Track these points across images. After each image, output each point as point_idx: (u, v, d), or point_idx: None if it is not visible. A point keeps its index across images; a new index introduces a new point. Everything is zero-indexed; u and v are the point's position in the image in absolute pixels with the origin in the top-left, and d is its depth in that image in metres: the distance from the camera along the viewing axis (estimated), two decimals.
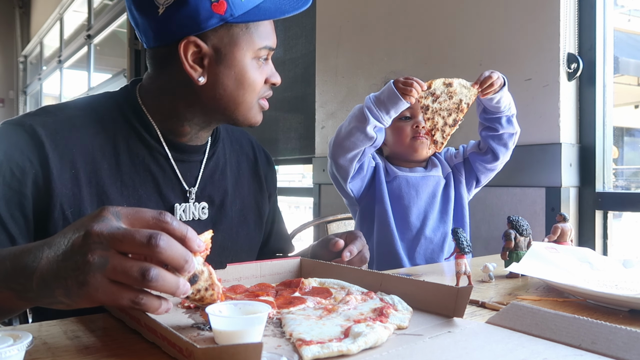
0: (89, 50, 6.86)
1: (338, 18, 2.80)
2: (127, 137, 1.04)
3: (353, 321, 0.72)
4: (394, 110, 1.45)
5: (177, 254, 0.61)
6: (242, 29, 0.99)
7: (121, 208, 0.62)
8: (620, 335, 0.64)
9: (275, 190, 1.37)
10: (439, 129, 1.45)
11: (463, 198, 1.67)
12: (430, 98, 1.44)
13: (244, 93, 1.03)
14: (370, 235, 1.63)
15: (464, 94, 1.43)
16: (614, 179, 1.95)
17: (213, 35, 0.98)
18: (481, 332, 0.72)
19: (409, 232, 1.60)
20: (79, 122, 1.00)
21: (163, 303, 0.63)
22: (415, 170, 1.65)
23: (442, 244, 1.61)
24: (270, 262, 1.05)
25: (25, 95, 10.04)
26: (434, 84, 1.43)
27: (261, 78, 1.04)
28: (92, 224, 0.59)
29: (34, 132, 0.94)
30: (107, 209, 0.61)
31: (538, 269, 1.03)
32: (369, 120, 1.44)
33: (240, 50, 0.99)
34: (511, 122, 1.55)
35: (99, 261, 0.58)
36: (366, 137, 1.46)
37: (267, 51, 1.04)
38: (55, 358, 0.62)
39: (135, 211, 0.63)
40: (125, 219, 0.62)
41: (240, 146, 1.28)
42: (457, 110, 1.44)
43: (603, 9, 1.89)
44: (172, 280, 0.62)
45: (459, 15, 2.20)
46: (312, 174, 3.00)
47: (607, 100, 1.90)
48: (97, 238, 0.59)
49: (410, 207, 1.60)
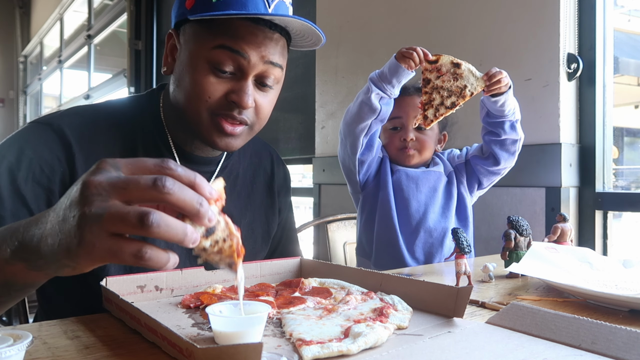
0: (89, 50, 6.85)
1: (338, 18, 2.80)
2: (145, 145, 1.04)
3: (353, 321, 0.72)
4: (396, 78, 1.45)
5: (189, 196, 0.53)
6: (204, 28, 0.95)
7: (119, 159, 0.56)
8: (620, 335, 0.64)
9: (288, 208, 1.34)
10: (434, 106, 1.39)
11: (465, 198, 1.67)
12: (435, 73, 1.39)
13: (192, 99, 0.97)
14: (371, 224, 1.64)
15: (470, 81, 1.38)
16: (614, 179, 1.95)
17: (184, 30, 0.99)
18: (481, 332, 0.72)
19: (408, 223, 1.61)
20: (104, 125, 1.02)
21: (171, 256, 0.54)
22: (415, 167, 1.67)
23: (442, 239, 1.61)
24: (270, 262, 1.05)
25: (26, 95, 10.03)
26: (441, 59, 1.39)
27: (212, 86, 0.95)
28: (89, 177, 0.53)
29: (62, 132, 0.96)
30: (105, 161, 0.55)
31: (538, 269, 1.03)
32: (372, 89, 1.46)
33: (195, 48, 0.96)
34: (515, 128, 1.54)
35: (95, 212, 0.51)
36: (371, 109, 1.48)
37: (227, 58, 0.94)
38: (55, 358, 0.62)
39: (135, 160, 0.56)
40: (125, 169, 0.55)
41: (260, 159, 1.26)
42: (458, 95, 1.37)
43: (603, 9, 1.89)
44: (178, 225, 0.52)
45: (458, 15, 2.20)
46: (312, 174, 3.00)
47: (607, 100, 1.90)
48: (94, 189, 0.52)
49: (410, 200, 1.61)
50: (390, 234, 1.60)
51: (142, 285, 0.88)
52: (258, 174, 1.25)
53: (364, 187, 1.67)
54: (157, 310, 0.83)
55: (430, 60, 1.40)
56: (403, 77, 1.46)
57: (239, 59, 0.94)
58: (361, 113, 1.49)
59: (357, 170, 1.61)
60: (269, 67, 0.98)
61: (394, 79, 1.45)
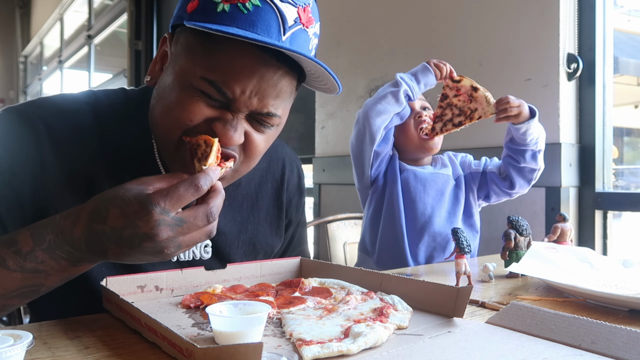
0: (90, 50, 6.86)
1: (338, 18, 2.80)
2: (129, 150, 0.92)
3: (353, 321, 0.72)
4: (423, 82, 1.54)
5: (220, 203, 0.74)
6: (198, 41, 0.78)
7: (162, 202, 0.68)
8: (620, 335, 0.64)
9: (300, 219, 1.21)
10: (443, 120, 1.49)
11: (472, 206, 1.68)
12: (454, 91, 1.48)
13: (162, 113, 0.83)
14: (376, 221, 1.65)
15: (482, 105, 1.45)
16: (613, 179, 1.95)
17: (178, 37, 0.83)
18: (481, 332, 0.72)
19: (414, 225, 1.61)
20: (84, 122, 0.90)
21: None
22: (423, 168, 1.67)
23: (445, 244, 1.61)
24: (270, 262, 1.05)
25: (26, 95, 10.03)
26: (463, 81, 1.48)
27: (194, 109, 0.79)
28: (155, 232, 0.68)
29: (36, 126, 0.85)
30: (154, 212, 0.67)
31: (538, 269, 1.03)
32: (401, 84, 1.53)
33: (185, 64, 0.80)
34: (536, 158, 1.55)
35: (174, 249, 0.70)
36: (397, 101, 1.53)
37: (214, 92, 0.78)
38: (55, 358, 0.62)
39: (176, 200, 0.69)
40: (173, 210, 0.69)
41: (268, 164, 1.12)
42: (467, 116, 1.46)
43: (603, 9, 1.89)
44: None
45: (458, 15, 2.20)
46: (312, 174, 3.00)
47: (607, 100, 1.90)
48: (166, 242, 0.69)
49: (417, 202, 1.61)
50: (396, 233, 1.60)
51: (142, 285, 0.88)
52: (265, 182, 1.11)
53: (373, 182, 1.67)
54: (157, 310, 0.83)
55: (454, 78, 1.50)
56: (429, 83, 1.55)
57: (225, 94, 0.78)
58: (387, 105, 1.54)
59: (371, 162, 1.62)
60: (260, 108, 0.81)
61: (422, 81, 1.54)
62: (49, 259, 0.71)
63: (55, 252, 0.71)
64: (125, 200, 0.68)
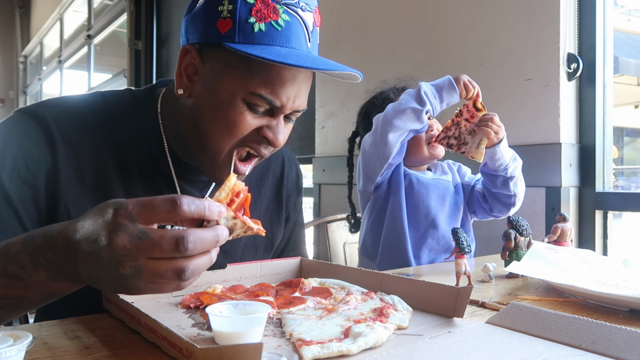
0: (89, 50, 6.86)
1: (338, 18, 2.80)
2: (138, 147, 0.97)
3: (353, 321, 0.72)
4: (447, 100, 1.49)
5: (207, 243, 0.62)
6: (243, 61, 0.84)
7: (131, 206, 0.60)
8: (620, 335, 0.64)
9: (297, 218, 1.26)
10: (447, 134, 1.49)
11: (468, 215, 1.69)
12: (469, 115, 1.47)
13: (216, 130, 0.89)
14: (378, 226, 1.64)
15: (474, 145, 1.45)
16: (613, 179, 1.95)
17: (213, 53, 0.87)
18: (481, 332, 0.72)
19: (417, 228, 1.61)
20: (93, 122, 0.95)
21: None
22: (424, 173, 1.68)
23: (447, 248, 1.61)
24: (270, 262, 1.05)
25: (26, 95, 10.03)
26: (482, 112, 1.46)
27: (245, 124, 0.88)
28: (112, 236, 0.59)
29: (48, 125, 0.90)
30: (119, 214, 0.60)
31: (538, 269, 1.03)
32: (425, 103, 1.47)
33: (230, 82, 0.86)
34: (507, 184, 1.52)
35: (132, 272, 0.60)
36: (417, 120, 1.49)
37: (264, 103, 0.87)
38: (55, 358, 0.62)
39: (147, 209, 0.60)
40: (140, 219, 0.60)
41: (268, 160, 1.15)
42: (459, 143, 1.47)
43: (603, 9, 1.89)
44: (207, 264, 0.63)
45: (459, 16, 2.20)
46: (312, 174, 3.00)
47: (607, 100, 1.90)
48: (121, 251, 0.59)
49: (419, 205, 1.61)
50: (399, 237, 1.59)
51: None
52: (266, 178, 1.16)
53: (377, 188, 1.67)
54: (157, 310, 0.83)
55: (476, 104, 1.47)
56: (452, 102, 1.50)
57: (274, 105, 0.88)
58: (407, 122, 1.50)
59: (382, 170, 1.61)
60: (298, 107, 0.92)
61: (445, 100, 1.49)
62: (29, 263, 0.66)
63: (38, 256, 0.66)
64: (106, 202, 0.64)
